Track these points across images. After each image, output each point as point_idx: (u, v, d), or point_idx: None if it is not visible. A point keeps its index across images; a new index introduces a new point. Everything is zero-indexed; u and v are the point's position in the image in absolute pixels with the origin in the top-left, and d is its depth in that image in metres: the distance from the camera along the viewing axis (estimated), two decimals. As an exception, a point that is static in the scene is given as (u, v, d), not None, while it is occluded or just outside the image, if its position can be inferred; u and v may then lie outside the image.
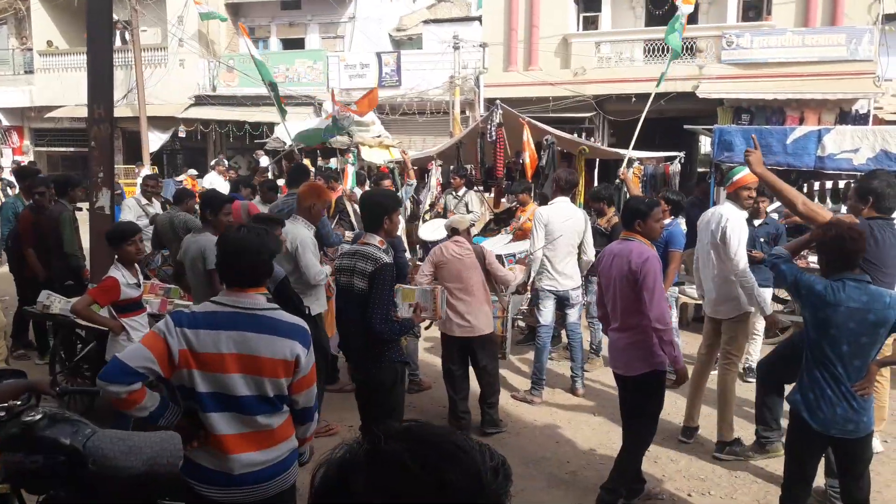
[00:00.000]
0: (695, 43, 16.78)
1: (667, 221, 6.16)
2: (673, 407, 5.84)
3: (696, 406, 5.18)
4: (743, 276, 4.77)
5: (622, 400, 4.37)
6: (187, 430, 2.53)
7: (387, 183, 8.98)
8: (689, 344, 6.79)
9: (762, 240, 6.42)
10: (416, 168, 12.49)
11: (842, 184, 7.71)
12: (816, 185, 7.65)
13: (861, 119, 14.64)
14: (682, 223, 6.54)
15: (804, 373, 3.47)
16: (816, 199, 7.68)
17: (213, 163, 17.19)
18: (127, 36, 21.06)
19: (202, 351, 2.45)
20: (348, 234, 7.80)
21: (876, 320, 3.22)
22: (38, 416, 3.05)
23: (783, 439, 4.36)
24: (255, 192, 8.89)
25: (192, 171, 17.66)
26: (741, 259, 4.81)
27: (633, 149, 9.90)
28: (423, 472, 0.91)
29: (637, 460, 4.21)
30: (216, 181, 13.63)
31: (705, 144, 17.01)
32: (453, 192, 9.94)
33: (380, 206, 3.99)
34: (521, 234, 7.79)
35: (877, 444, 4.91)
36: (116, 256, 4.64)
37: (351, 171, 13.07)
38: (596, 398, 6.08)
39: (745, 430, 5.21)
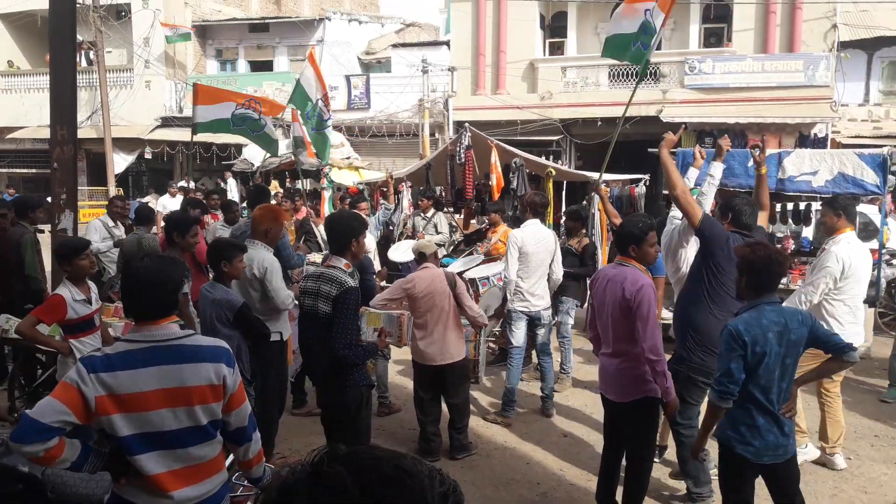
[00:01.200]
0: (658, 68, 17.15)
1: None
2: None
3: (665, 426, 5.21)
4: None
5: (608, 423, 4.28)
6: (114, 469, 2.45)
7: (363, 206, 8.92)
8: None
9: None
10: (385, 189, 12.51)
11: (802, 205, 7.89)
12: (778, 207, 7.82)
13: (819, 143, 15.08)
14: None
15: (734, 407, 3.34)
16: (778, 221, 7.86)
17: (180, 184, 17.02)
18: (92, 56, 20.83)
19: (122, 392, 2.33)
20: (316, 256, 7.74)
21: (796, 339, 3.25)
22: (-5, 444, 2.96)
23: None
24: (206, 212, 8.77)
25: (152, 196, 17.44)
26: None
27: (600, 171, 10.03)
28: (363, 497, 0.90)
29: (644, 487, 4.14)
30: (168, 203, 13.53)
31: (670, 167, 17.32)
32: (421, 214, 9.96)
33: (347, 229, 3.94)
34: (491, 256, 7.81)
35: (840, 461, 5.00)
36: (66, 274, 4.49)
37: (328, 195, 13.04)
38: (566, 419, 6.08)
39: (712, 448, 5.26)
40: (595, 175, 10.19)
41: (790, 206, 7.96)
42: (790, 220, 8.05)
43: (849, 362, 3.41)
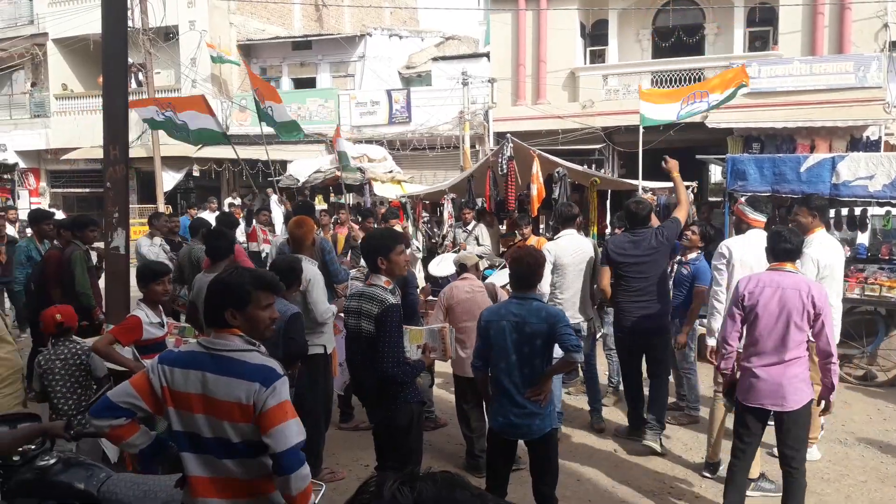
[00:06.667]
0: (703, 73, 16.86)
1: (692, 255, 6.11)
2: (695, 441, 5.74)
3: (719, 442, 5.08)
4: (716, 296, 5.15)
5: (754, 433, 4.19)
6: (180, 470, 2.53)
7: (393, 221, 8.89)
8: (708, 376, 6.65)
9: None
10: (428, 202, 12.54)
11: (857, 210, 7.64)
12: (832, 213, 7.57)
13: (872, 146, 14.60)
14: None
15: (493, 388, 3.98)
16: (832, 227, 7.60)
17: (227, 200, 17.35)
18: (141, 78, 21.43)
19: (174, 389, 2.48)
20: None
21: (531, 332, 3.75)
22: (53, 461, 3.03)
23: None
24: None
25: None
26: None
27: (645, 179, 9.91)
28: None
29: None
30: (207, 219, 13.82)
31: (715, 174, 17.00)
32: (462, 226, 9.94)
33: (374, 248, 3.84)
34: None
35: None
36: (142, 295, 4.63)
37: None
38: (616, 434, 5.96)
39: (768, 465, 5.10)
40: (639, 182, 10.06)
41: (844, 211, 7.70)
42: (845, 226, 7.79)
43: (570, 362, 3.89)
